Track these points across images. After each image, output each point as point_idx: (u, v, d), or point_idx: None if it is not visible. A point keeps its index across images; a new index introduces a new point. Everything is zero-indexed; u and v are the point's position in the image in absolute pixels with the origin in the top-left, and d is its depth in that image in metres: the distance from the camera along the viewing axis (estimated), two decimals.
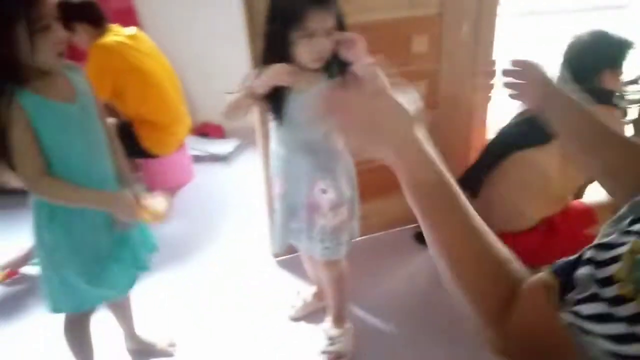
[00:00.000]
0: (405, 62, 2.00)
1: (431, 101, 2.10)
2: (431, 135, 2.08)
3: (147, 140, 2.49)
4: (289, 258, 2.14)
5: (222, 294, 2.02)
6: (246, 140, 3.11)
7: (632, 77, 2.79)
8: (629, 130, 2.64)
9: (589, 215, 1.92)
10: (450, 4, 1.96)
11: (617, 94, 1.91)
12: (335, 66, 1.38)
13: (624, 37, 1.89)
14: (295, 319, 1.89)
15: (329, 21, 1.29)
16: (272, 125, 1.49)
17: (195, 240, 2.34)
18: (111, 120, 2.45)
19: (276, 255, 2.16)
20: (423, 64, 2.03)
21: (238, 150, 3.16)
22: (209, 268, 2.17)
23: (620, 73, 1.95)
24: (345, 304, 1.79)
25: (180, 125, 2.65)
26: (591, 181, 2.10)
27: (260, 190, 2.05)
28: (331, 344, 1.75)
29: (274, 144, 1.53)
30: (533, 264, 1.03)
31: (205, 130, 3.38)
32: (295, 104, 1.42)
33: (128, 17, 3.06)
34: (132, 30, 2.53)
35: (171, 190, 2.75)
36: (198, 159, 3.02)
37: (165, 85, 2.54)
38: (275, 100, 1.42)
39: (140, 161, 2.72)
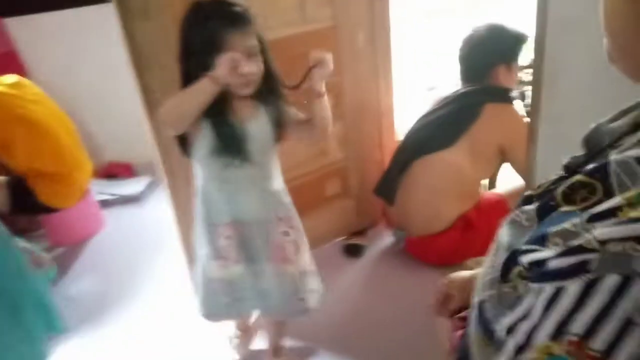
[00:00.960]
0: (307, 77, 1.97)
1: (338, 113, 2.09)
2: (344, 146, 2.09)
3: (44, 195, 2.29)
4: None
5: (150, 355, 1.85)
6: (158, 176, 2.95)
7: (528, 63, 2.97)
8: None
9: (502, 205, 1.98)
10: (343, 15, 1.97)
11: (513, 90, 1.99)
12: (265, 93, 1.34)
13: (519, 31, 1.97)
14: None
15: (250, 41, 1.23)
16: (200, 160, 1.34)
17: (112, 297, 2.14)
18: (1, 178, 2.24)
19: None
20: None
21: (150, 188, 2.99)
22: (131, 327, 1.97)
23: (516, 68, 2.04)
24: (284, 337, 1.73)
25: (80, 173, 2.46)
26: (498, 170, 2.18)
27: (175, 234, 1.92)
28: None
29: (206, 182, 1.37)
30: (455, 262, 1.02)
31: (113, 171, 3.18)
32: (244, 134, 1.31)
33: (11, 62, 2.82)
34: (12, 78, 2.33)
35: (80, 242, 2.54)
36: (107, 203, 2.82)
37: (58, 132, 2.35)
38: (219, 132, 1.28)
39: (40, 217, 2.50)
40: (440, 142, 1.93)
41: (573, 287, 0.39)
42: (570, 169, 0.55)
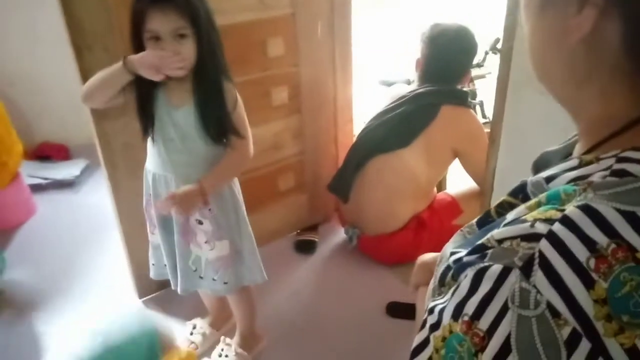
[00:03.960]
0: (264, 67, 1.88)
1: (295, 105, 2.01)
2: (299, 140, 2.02)
3: None
4: (156, 296, 1.92)
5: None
6: (95, 160, 2.76)
7: (477, 61, 3.00)
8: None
9: (454, 206, 1.99)
10: (303, 3, 1.88)
11: (469, 91, 1.98)
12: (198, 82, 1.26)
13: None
14: (199, 357, 1.67)
15: (175, 22, 1.15)
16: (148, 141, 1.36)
17: (45, 289, 1.98)
18: None
19: (141, 295, 1.92)
20: (282, 67, 1.92)
21: (86, 172, 2.79)
22: (66, 321, 1.84)
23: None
24: (254, 326, 1.67)
25: (8, 154, 2.25)
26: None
27: (113, 220, 1.80)
28: (220, 356, 1.61)
29: (148, 162, 1.39)
30: (407, 261, 1.00)
31: (46, 152, 2.95)
32: (169, 118, 1.28)
33: None
34: None
35: (8, 230, 2.34)
36: (39, 188, 2.61)
37: None
38: (144, 113, 1.29)
39: None
40: (396, 142, 1.90)
41: (469, 275, 0.45)
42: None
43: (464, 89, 2.02)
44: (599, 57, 0.48)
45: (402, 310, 1.77)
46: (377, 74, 3.61)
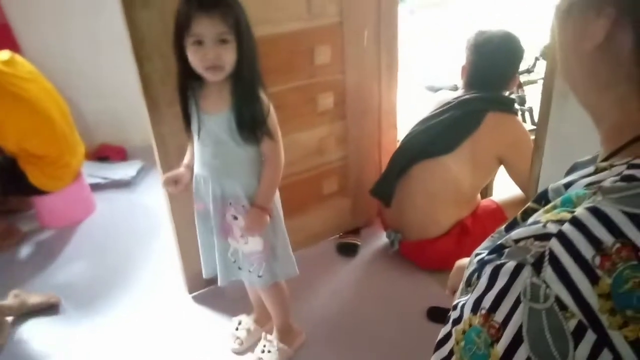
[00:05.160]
0: (310, 74, 1.93)
1: (339, 111, 2.06)
2: (343, 145, 2.06)
3: (35, 177, 2.24)
4: (204, 292, 2.01)
5: (143, 343, 1.82)
6: (151, 161, 2.90)
7: (527, 67, 2.96)
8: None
9: (498, 213, 1.98)
10: (350, 11, 1.92)
11: (516, 98, 1.97)
12: (235, 87, 1.32)
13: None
14: (241, 352, 1.75)
15: (219, 27, 1.22)
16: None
17: (102, 283, 2.12)
18: None
19: (191, 290, 2.01)
20: (328, 74, 1.97)
21: (142, 173, 2.95)
22: (122, 313, 1.95)
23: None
24: (288, 320, 1.73)
25: (72, 156, 2.41)
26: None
27: (167, 219, 1.90)
28: (263, 351, 1.68)
29: (195, 163, 1.49)
30: (448, 268, 1.02)
31: (105, 153, 3.13)
32: (203, 126, 1.37)
33: (3, 37, 2.74)
34: (5, 54, 2.26)
35: (70, 226, 2.50)
36: (98, 187, 2.78)
37: (51, 111, 2.30)
38: (185, 116, 1.40)
39: (32, 198, 2.45)
40: (441, 148, 1.91)
41: (487, 272, 0.49)
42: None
43: (511, 96, 2.01)
44: (615, 65, 0.50)
45: (443, 315, 1.76)
46: (423, 80, 3.62)
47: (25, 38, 2.85)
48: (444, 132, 1.92)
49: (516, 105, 2.28)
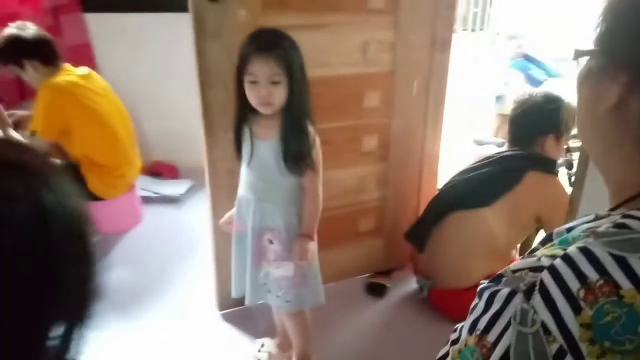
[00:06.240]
0: (358, 116, 2.04)
1: (382, 153, 2.14)
2: (382, 186, 2.12)
3: (94, 183, 2.42)
4: (233, 311, 2.08)
5: (169, 351, 1.91)
6: (200, 181, 3.05)
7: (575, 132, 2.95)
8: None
9: None
10: (403, 62, 2.03)
11: (559, 161, 1.99)
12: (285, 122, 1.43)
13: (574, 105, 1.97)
14: None
15: (273, 68, 1.35)
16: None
17: (139, 290, 2.23)
18: (57, 161, 2.38)
19: (221, 308, 2.09)
20: (375, 118, 2.07)
21: (191, 191, 3.10)
22: (156, 322, 2.05)
23: (566, 140, 2.04)
24: (307, 348, 1.77)
25: (130, 168, 2.58)
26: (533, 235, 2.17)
27: (208, 237, 2.00)
28: None
29: (240, 186, 1.59)
30: None
31: (158, 170, 3.31)
32: (254, 150, 1.48)
33: (84, 55, 3.01)
34: (84, 70, 2.48)
35: (117, 234, 2.65)
36: (148, 200, 2.94)
37: (116, 126, 2.49)
38: (236, 143, 1.53)
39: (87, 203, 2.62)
40: (478, 200, 1.95)
41: (484, 297, 0.54)
42: None
43: (560, 159, 2.04)
44: (623, 128, 0.56)
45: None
46: (472, 134, 3.66)
47: (103, 57, 3.11)
48: (482, 185, 1.96)
49: (563, 169, 2.29)
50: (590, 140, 0.62)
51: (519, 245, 2.18)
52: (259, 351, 1.84)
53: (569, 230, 0.59)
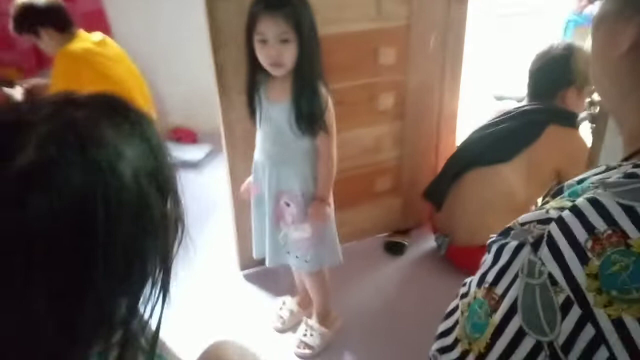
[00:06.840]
0: (373, 73, 2.00)
1: (399, 111, 2.11)
2: (399, 144, 2.10)
3: None
4: (255, 271, 2.12)
5: (193, 310, 1.95)
6: (218, 146, 3.06)
7: None
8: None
9: None
10: (419, 15, 1.97)
11: (580, 115, 1.93)
12: (296, 82, 1.41)
13: None
14: (282, 331, 1.86)
15: (282, 27, 1.32)
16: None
17: None
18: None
19: (242, 268, 2.14)
20: (390, 75, 2.03)
21: (210, 156, 3.12)
22: (178, 283, 2.09)
23: (587, 92, 1.97)
24: (328, 305, 1.81)
25: None
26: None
27: (227, 199, 2.03)
28: (305, 335, 1.77)
29: (256, 150, 1.60)
30: None
31: (177, 135, 3.34)
32: (264, 113, 1.48)
33: (98, 20, 2.99)
34: (98, 36, 2.48)
35: None
36: None
37: (133, 92, 2.50)
38: (249, 104, 1.52)
39: None
40: (497, 156, 1.92)
41: (493, 250, 0.55)
42: None
43: (582, 113, 1.98)
44: (637, 72, 0.55)
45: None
46: (492, 88, 3.58)
47: (116, 23, 3.09)
48: (501, 141, 1.93)
49: (587, 123, 2.23)
50: (604, 88, 0.61)
51: (539, 200, 2.16)
52: (281, 309, 1.89)
53: (579, 182, 0.58)
